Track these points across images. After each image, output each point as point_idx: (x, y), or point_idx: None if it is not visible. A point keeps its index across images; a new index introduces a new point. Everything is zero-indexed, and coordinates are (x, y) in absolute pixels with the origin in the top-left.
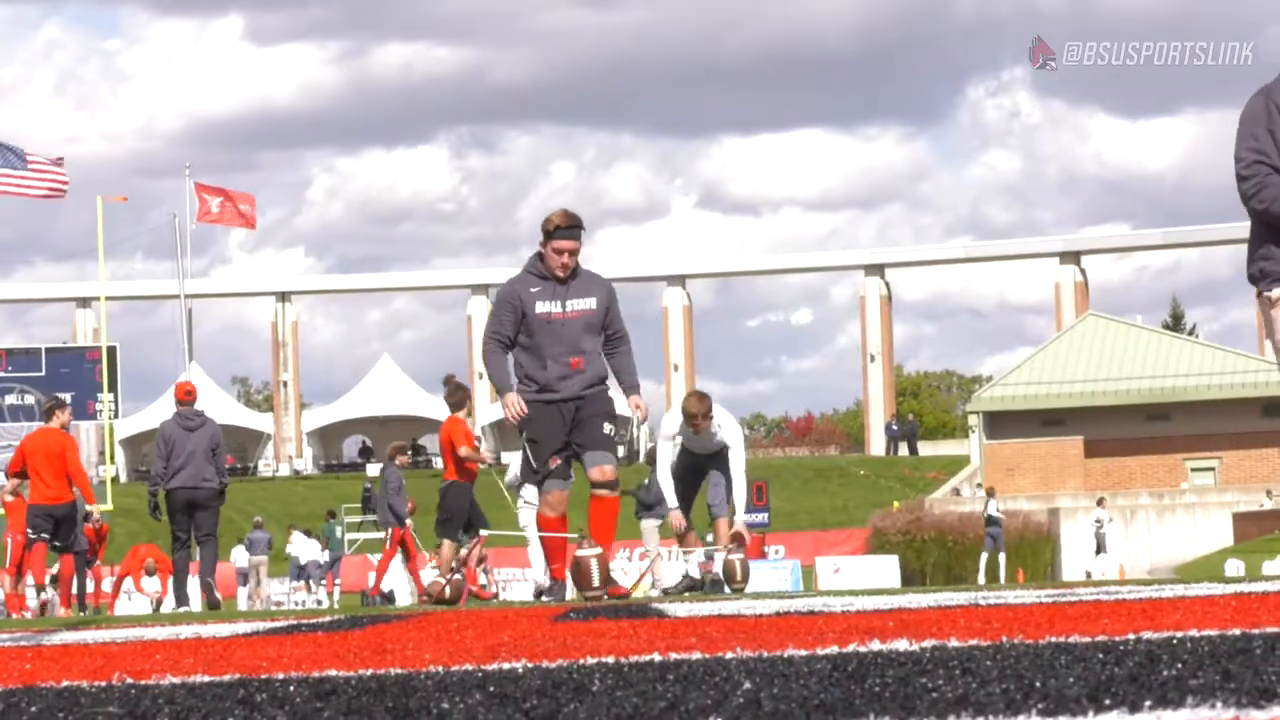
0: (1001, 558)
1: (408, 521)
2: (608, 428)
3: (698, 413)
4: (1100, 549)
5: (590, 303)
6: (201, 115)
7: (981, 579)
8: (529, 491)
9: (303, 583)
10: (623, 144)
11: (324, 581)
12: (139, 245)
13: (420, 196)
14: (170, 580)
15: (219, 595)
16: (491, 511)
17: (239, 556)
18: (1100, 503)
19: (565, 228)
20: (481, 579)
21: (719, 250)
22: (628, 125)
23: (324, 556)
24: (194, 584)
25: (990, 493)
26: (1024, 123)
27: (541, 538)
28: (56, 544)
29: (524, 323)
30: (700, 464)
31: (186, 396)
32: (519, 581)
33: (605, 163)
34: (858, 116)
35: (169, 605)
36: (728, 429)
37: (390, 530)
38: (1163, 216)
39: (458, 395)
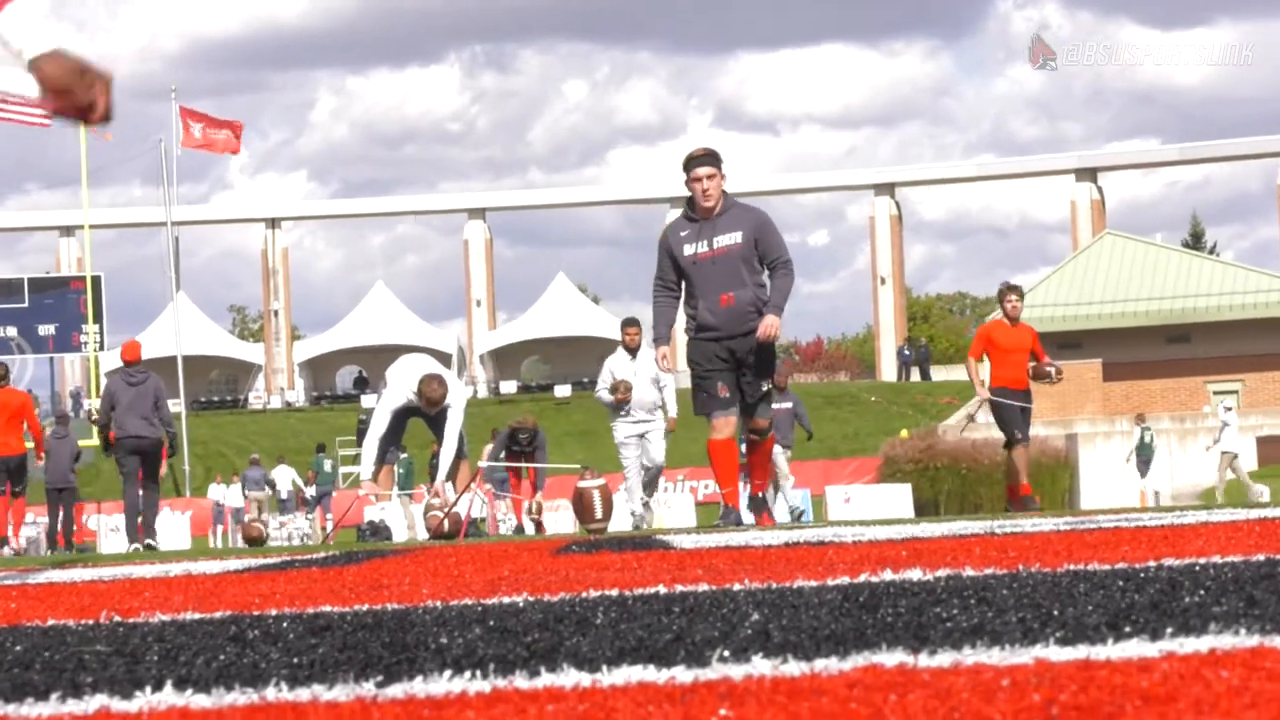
0: (1147, 484)
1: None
2: (765, 386)
3: (437, 399)
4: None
5: (735, 237)
6: (204, 36)
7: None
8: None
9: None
10: (638, 61)
11: (313, 516)
12: (135, 171)
13: (427, 117)
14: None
15: (157, 536)
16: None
17: (215, 493)
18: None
19: (700, 157)
20: (480, 510)
21: (732, 170)
22: (644, 42)
23: (311, 490)
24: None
25: (1140, 418)
26: (1053, 35)
27: (712, 462)
28: (16, 489)
29: (678, 266)
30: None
31: (131, 355)
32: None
33: (619, 81)
34: (883, 30)
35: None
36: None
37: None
38: (1194, 131)
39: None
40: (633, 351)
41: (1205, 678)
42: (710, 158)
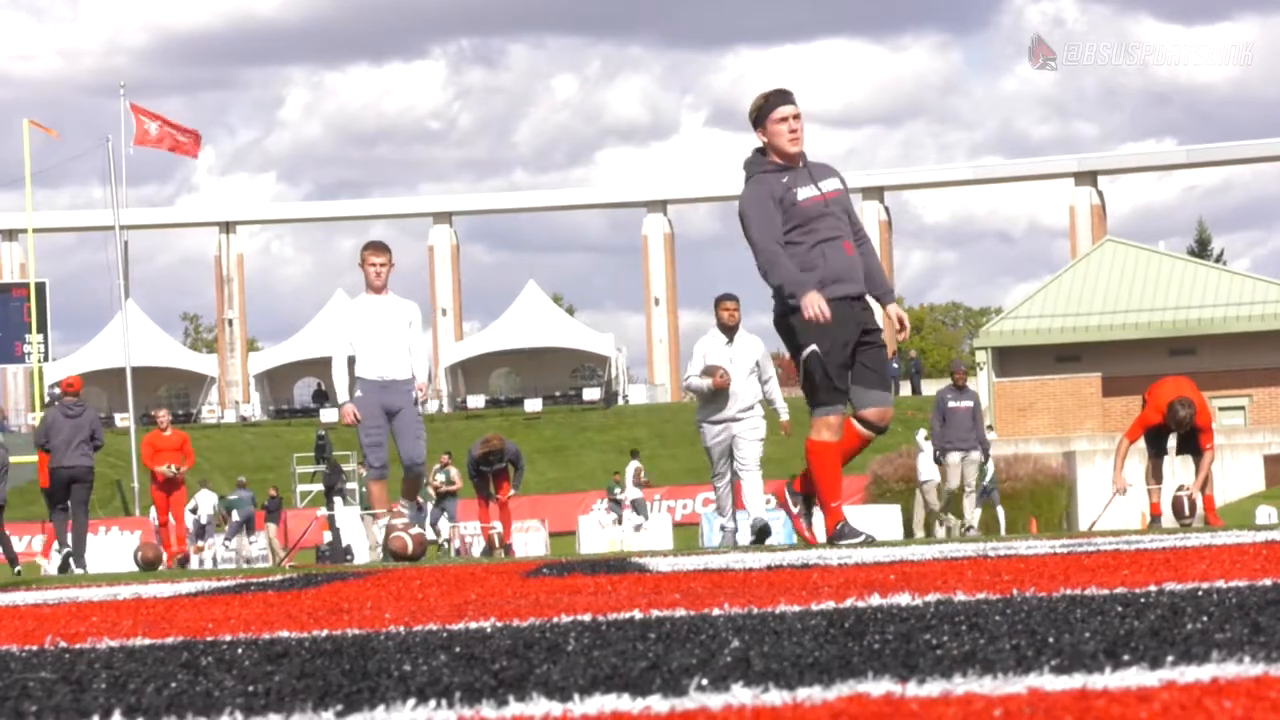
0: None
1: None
2: (895, 365)
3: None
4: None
5: (837, 183)
6: (172, 28)
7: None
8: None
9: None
10: (630, 56)
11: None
12: (93, 171)
13: (407, 114)
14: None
15: (86, 566)
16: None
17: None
18: None
19: (783, 92)
20: (434, 533)
21: (722, 173)
22: (637, 36)
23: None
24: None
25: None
26: (1067, 30)
27: (816, 467)
28: None
29: (786, 216)
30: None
31: (69, 388)
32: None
33: (609, 76)
34: (888, 24)
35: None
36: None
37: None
38: (1216, 133)
39: None
40: (730, 332)
41: (1207, 708)
42: (791, 94)
